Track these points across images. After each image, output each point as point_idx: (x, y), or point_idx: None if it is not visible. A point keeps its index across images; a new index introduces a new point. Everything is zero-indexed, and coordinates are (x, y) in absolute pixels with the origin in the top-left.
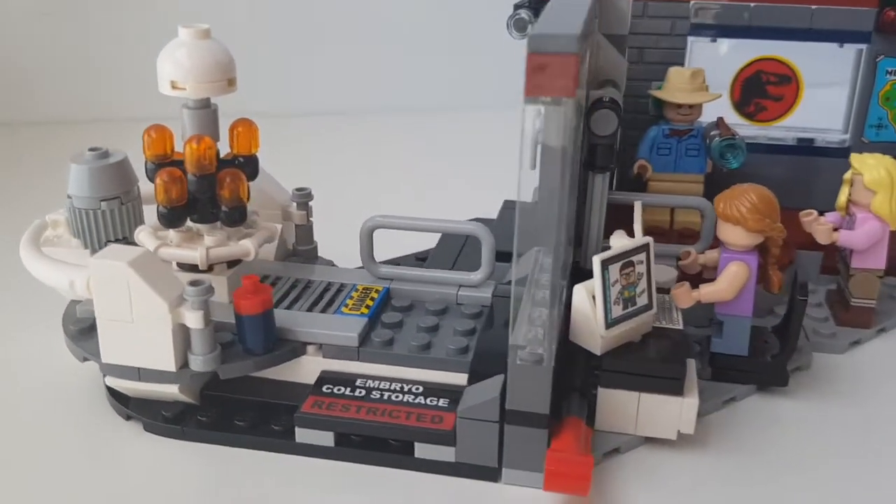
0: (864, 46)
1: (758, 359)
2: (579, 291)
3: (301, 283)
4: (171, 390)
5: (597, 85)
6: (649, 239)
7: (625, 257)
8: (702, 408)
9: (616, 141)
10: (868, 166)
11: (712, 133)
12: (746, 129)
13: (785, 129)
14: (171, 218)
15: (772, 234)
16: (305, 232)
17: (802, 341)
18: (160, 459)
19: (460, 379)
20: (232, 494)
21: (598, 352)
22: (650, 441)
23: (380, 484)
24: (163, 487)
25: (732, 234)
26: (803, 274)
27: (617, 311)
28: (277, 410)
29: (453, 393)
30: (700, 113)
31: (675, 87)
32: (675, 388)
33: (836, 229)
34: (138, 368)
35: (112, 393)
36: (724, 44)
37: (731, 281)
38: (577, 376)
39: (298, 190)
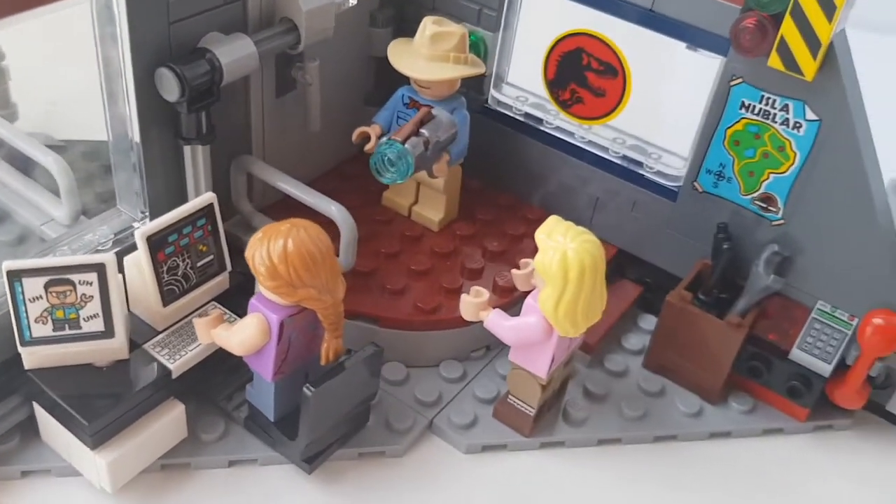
0: (720, 59)
1: (283, 427)
2: None
3: None
4: None
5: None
6: (106, 258)
7: (53, 273)
8: (199, 461)
9: (201, 110)
10: (549, 245)
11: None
12: (562, 120)
13: (615, 131)
14: None
15: (301, 301)
16: None
17: (420, 420)
18: None
19: None
20: None
21: (25, 364)
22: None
23: None
24: None
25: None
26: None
27: (42, 330)
28: None
29: None
30: (452, 89)
31: (414, 49)
32: (82, 436)
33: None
34: None
35: None
36: None
37: (242, 336)
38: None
39: None
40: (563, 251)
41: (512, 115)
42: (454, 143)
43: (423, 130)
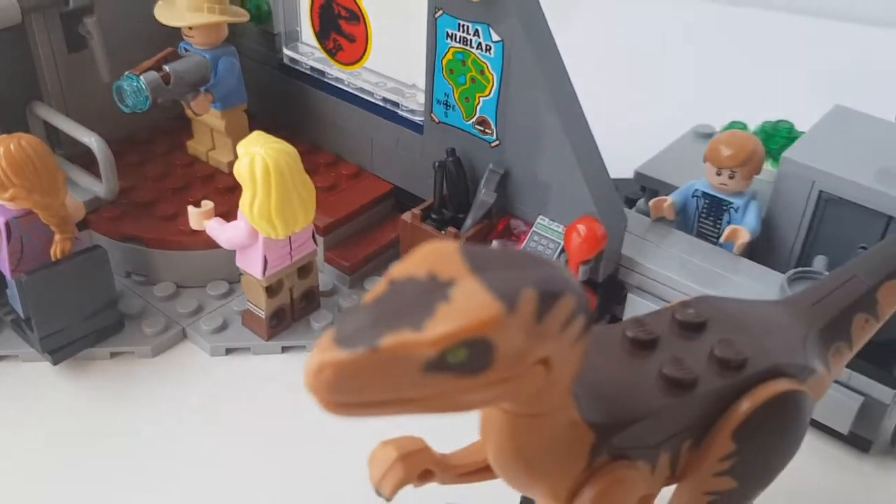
0: None
1: (31, 324)
2: None
3: None
4: None
5: None
6: None
7: None
8: None
9: None
10: (243, 153)
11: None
12: (337, 70)
13: (377, 76)
14: None
15: (14, 200)
16: None
17: (172, 326)
18: None
19: None
20: None
21: None
22: None
23: None
24: None
25: None
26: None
27: None
28: None
29: None
30: (218, 37)
31: (176, 2)
32: None
33: None
34: None
35: None
36: None
37: None
38: None
39: None
40: (251, 156)
41: (302, 69)
42: (216, 86)
43: (165, 67)
